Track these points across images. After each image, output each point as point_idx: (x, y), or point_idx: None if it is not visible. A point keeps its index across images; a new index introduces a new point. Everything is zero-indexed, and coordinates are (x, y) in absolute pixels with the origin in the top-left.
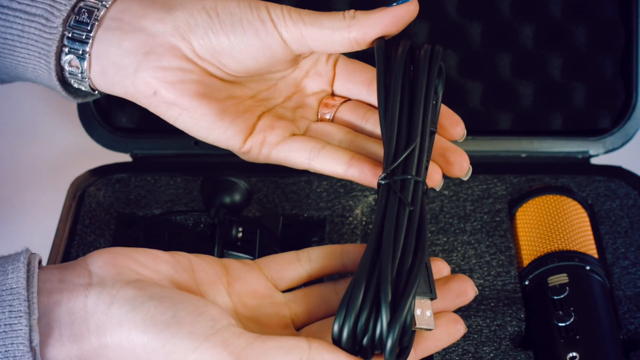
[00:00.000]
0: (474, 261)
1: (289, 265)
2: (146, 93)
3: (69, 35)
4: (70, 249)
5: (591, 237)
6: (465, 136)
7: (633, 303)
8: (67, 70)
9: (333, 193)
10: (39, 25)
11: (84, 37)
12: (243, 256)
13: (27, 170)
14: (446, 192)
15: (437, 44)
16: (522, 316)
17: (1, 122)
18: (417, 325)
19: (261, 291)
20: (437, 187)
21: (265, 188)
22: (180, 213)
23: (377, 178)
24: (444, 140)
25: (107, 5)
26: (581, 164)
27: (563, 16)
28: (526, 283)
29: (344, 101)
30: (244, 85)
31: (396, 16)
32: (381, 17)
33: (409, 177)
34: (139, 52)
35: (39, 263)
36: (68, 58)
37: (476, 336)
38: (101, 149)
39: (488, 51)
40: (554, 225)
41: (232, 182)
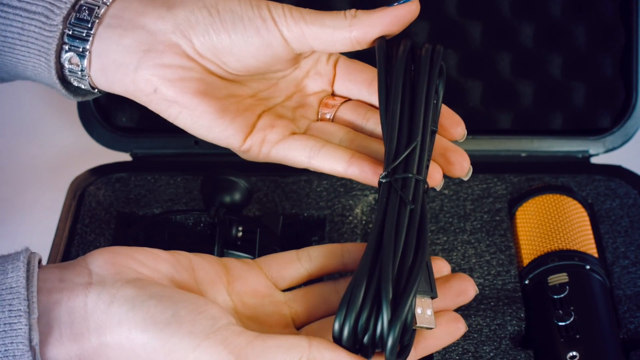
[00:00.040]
0: (474, 260)
1: (289, 264)
2: (146, 91)
3: (69, 32)
4: (70, 248)
5: (591, 237)
6: (465, 136)
7: (633, 302)
8: (67, 68)
9: (333, 192)
10: (39, 23)
11: (85, 35)
12: (243, 255)
13: (27, 169)
14: (446, 192)
15: (438, 44)
16: (522, 315)
17: (1, 122)
18: (418, 324)
19: (261, 290)
20: (438, 187)
21: (265, 187)
22: (180, 212)
23: (378, 177)
24: (445, 140)
25: (108, 3)
26: (581, 164)
27: (563, 15)
28: (526, 282)
29: (345, 101)
30: (245, 84)
31: (397, 16)
32: (382, 17)
33: (410, 176)
34: (140, 50)
35: (39, 262)
36: (68, 56)
37: (476, 335)
38: (101, 148)
39: (488, 51)
40: (554, 224)
41: (232, 182)
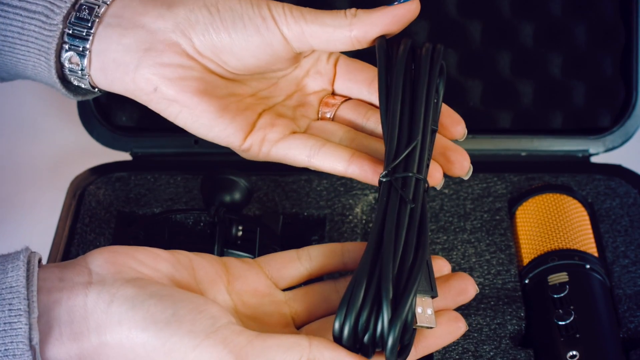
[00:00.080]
0: (474, 260)
1: (289, 263)
2: (146, 90)
3: (70, 32)
4: (70, 248)
5: (591, 236)
6: (465, 135)
7: (633, 301)
8: (67, 67)
9: (333, 192)
10: (39, 22)
11: (85, 34)
12: (243, 255)
13: (27, 169)
14: (446, 191)
15: (439, 43)
16: (522, 315)
17: (1, 121)
18: (418, 323)
19: (261, 290)
20: (438, 186)
21: (265, 187)
22: (180, 212)
23: (378, 175)
24: (445, 139)
25: (108, 2)
26: (581, 163)
27: (563, 15)
28: (526, 282)
29: (345, 100)
30: (245, 83)
31: (397, 15)
32: (382, 16)
33: (410, 175)
34: (140, 49)
35: (39, 261)
36: (68, 55)
37: (476, 335)
38: (101, 148)
39: (488, 50)
40: (554, 223)
41: (232, 181)
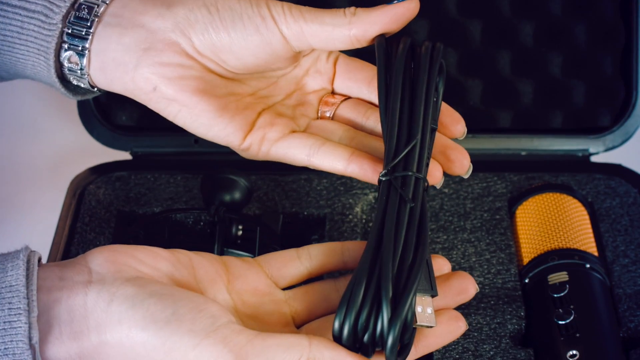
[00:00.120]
0: (474, 259)
1: (289, 262)
2: (146, 89)
3: (69, 31)
4: (70, 247)
5: (591, 235)
6: (465, 134)
7: (633, 301)
8: (67, 66)
9: (333, 191)
10: (39, 21)
11: (84, 33)
12: (243, 254)
13: (27, 168)
14: (446, 190)
15: (438, 42)
16: (522, 314)
17: (1, 121)
18: (418, 322)
19: (261, 289)
20: (438, 185)
21: (265, 186)
22: (180, 211)
23: (378, 174)
24: (445, 137)
25: (107, 1)
26: (581, 162)
27: (563, 14)
28: (526, 281)
29: (344, 99)
30: (244, 82)
31: (397, 14)
32: (382, 15)
33: (410, 174)
34: (139, 48)
35: (39, 260)
36: (67, 54)
37: (476, 334)
38: (101, 147)
39: (488, 49)
40: (554, 223)
41: (232, 180)
